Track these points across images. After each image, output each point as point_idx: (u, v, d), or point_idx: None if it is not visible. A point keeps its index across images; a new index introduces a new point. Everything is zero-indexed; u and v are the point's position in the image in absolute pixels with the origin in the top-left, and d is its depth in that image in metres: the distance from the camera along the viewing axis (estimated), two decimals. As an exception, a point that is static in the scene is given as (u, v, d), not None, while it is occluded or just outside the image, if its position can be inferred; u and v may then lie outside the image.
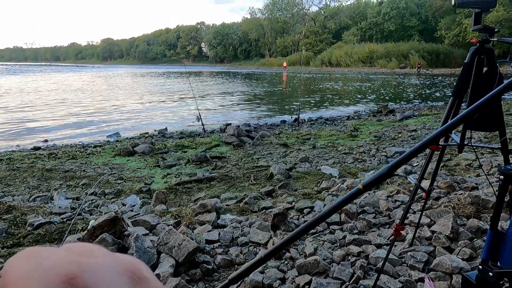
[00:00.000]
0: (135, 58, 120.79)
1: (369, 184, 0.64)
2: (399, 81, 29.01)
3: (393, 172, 0.64)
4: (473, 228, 2.21)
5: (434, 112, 10.82)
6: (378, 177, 0.64)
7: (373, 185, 0.65)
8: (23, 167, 5.03)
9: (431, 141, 0.64)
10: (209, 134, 8.10)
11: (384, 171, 0.64)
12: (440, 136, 0.67)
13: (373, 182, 0.64)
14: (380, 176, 0.64)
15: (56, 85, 25.63)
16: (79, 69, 71.09)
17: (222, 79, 34.95)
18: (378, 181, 0.64)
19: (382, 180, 0.64)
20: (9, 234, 2.61)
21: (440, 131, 0.67)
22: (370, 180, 0.65)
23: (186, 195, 3.93)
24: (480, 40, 1.48)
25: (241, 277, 0.61)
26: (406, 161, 0.65)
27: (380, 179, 0.64)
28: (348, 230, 2.39)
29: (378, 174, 0.64)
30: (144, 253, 1.95)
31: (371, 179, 0.65)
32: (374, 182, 0.64)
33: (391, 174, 0.64)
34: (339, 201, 0.64)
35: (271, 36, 78.76)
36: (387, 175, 0.64)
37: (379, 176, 0.64)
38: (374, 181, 0.64)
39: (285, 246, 0.66)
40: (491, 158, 4.22)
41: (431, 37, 51.70)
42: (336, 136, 7.41)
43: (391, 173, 0.64)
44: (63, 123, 10.62)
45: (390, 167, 0.64)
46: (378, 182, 0.64)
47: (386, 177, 0.64)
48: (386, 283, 1.73)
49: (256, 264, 0.62)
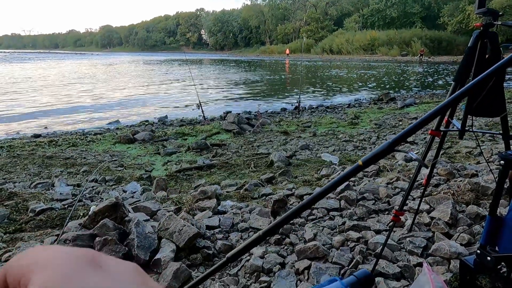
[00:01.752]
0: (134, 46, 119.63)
1: (369, 160, 0.63)
2: (401, 68, 28.79)
3: (393, 147, 0.63)
4: (472, 214, 2.22)
5: (435, 100, 10.77)
6: (378, 152, 0.63)
7: (373, 161, 0.63)
8: (24, 154, 5.04)
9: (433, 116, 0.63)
10: (209, 122, 8.08)
11: (384, 146, 0.63)
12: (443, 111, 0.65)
13: (373, 158, 0.63)
14: (380, 152, 0.62)
15: (55, 73, 25.48)
16: (78, 56, 70.55)
17: (222, 66, 34.69)
18: (378, 157, 0.62)
19: (382, 156, 0.63)
20: (11, 220, 2.63)
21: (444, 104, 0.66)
22: (370, 156, 0.63)
23: (187, 182, 3.95)
24: (484, 24, 1.46)
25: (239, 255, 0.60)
26: (406, 137, 0.63)
27: (380, 155, 0.63)
28: (348, 216, 2.40)
29: (378, 150, 0.63)
30: (145, 238, 1.97)
31: (371, 155, 0.63)
32: (374, 158, 0.63)
33: (392, 150, 0.62)
34: (339, 177, 0.63)
35: (271, 23, 77.76)
36: (387, 151, 0.62)
37: (379, 152, 0.63)
38: (374, 157, 0.63)
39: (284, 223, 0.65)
40: (492, 145, 4.22)
41: (434, 24, 51.00)
42: (337, 123, 7.40)
43: (391, 148, 0.62)
44: (63, 110, 10.60)
45: (390, 143, 0.62)
46: (378, 158, 0.62)
47: (386, 153, 0.62)
48: (385, 267, 1.74)
49: (254, 242, 0.62)
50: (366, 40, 52.26)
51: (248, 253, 2.04)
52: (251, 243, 0.61)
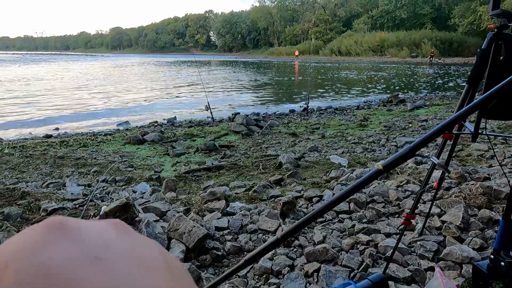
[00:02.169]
0: (144, 47, 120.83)
1: (389, 164, 0.62)
2: (411, 70, 28.51)
3: (415, 152, 0.62)
4: (484, 218, 2.18)
5: (445, 102, 10.63)
6: (399, 157, 0.62)
7: (393, 166, 0.63)
8: (36, 155, 5.13)
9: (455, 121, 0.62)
10: (217, 123, 8.11)
11: (405, 151, 0.62)
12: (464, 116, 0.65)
13: (394, 163, 0.62)
14: (401, 157, 0.62)
15: (66, 74, 25.86)
16: (89, 58, 71.49)
17: (231, 68, 34.80)
18: (398, 161, 0.61)
19: (403, 160, 0.62)
20: (23, 219, 2.67)
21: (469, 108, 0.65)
22: (390, 161, 0.62)
23: (196, 183, 3.97)
24: (498, 25, 1.44)
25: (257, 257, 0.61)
26: (427, 142, 0.62)
27: (401, 159, 0.62)
28: (357, 219, 2.39)
29: (399, 155, 0.62)
30: (155, 238, 1.98)
31: (391, 160, 0.62)
32: (394, 162, 0.62)
33: (413, 155, 0.62)
34: (359, 181, 0.63)
35: (280, 24, 77.80)
36: (408, 156, 0.61)
37: (400, 156, 0.62)
38: (395, 161, 0.62)
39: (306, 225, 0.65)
40: (504, 148, 4.15)
41: (444, 25, 50.44)
42: (346, 125, 7.36)
43: (412, 153, 0.62)
44: (73, 111, 10.74)
45: (411, 148, 0.62)
46: (399, 163, 0.62)
47: (407, 158, 0.61)
48: (395, 271, 1.73)
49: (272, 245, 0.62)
50: (375, 41, 51.95)
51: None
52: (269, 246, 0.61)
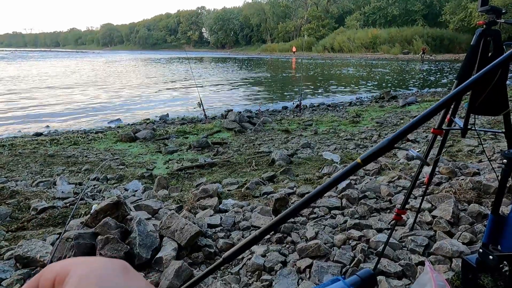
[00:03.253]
0: (135, 44, 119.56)
1: (368, 157, 0.61)
2: (402, 67, 28.71)
3: (394, 144, 0.61)
4: (474, 213, 2.21)
5: (437, 98, 10.74)
6: (377, 150, 0.60)
7: (372, 159, 0.61)
8: (26, 153, 5.05)
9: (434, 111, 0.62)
10: (210, 120, 8.08)
11: (384, 143, 0.60)
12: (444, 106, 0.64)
13: (373, 156, 0.59)
14: (379, 149, 0.60)
15: (56, 71, 25.50)
16: (80, 55, 70.58)
17: (224, 64, 34.66)
18: (377, 154, 0.60)
19: (381, 153, 0.60)
20: (13, 218, 2.64)
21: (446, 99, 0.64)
22: (369, 153, 0.61)
23: (188, 181, 3.95)
24: (487, 21, 1.45)
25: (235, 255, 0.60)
26: (406, 134, 0.62)
27: (380, 152, 0.60)
28: (349, 215, 2.40)
29: (378, 147, 0.60)
30: (146, 236, 1.97)
31: (370, 152, 0.60)
32: (373, 155, 0.59)
33: (392, 147, 0.60)
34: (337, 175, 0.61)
35: (272, 21, 77.59)
36: (387, 148, 0.60)
37: (379, 149, 0.60)
38: (374, 154, 0.60)
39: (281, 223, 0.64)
40: (494, 144, 4.21)
41: (436, 22, 50.80)
42: (338, 122, 7.39)
43: (391, 145, 0.60)
44: (64, 109, 10.61)
45: (390, 140, 0.59)
46: (378, 155, 0.60)
47: (386, 150, 0.60)
48: (387, 266, 1.74)
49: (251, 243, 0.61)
50: (368, 38, 52.12)
51: (249, 251, 2.04)
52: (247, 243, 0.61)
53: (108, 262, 0.26)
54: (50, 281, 0.25)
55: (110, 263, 0.26)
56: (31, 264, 1.90)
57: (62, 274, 0.25)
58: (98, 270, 0.25)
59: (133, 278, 0.26)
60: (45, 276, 0.26)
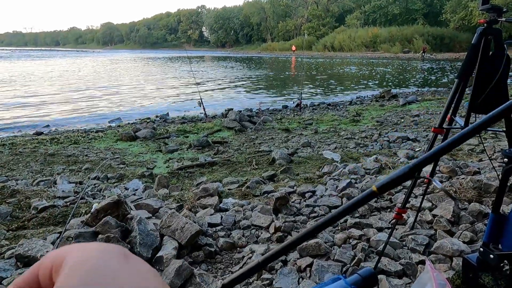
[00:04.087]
0: (135, 43, 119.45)
1: (384, 185, 0.53)
2: (403, 66, 28.67)
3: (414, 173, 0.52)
4: (474, 212, 2.21)
5: (437, 97, 10.73)
6: (395, 178, 0.52)
7: (389, 188, 0.53)
8: (26, 152, 5.05)
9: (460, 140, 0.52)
10: (210, 119, 8.08)
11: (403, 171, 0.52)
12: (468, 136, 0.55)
13: (389, 184, 0.53)
14: (397, 178, 0.52)
15: (57, 70, 25.49)
16: (80, 54, 70.53)
17: (224, 63, 34.63)
18: (395, 183, 0.52)
19: (400, 182, 0.52)
20: (13, 217, 2.64)
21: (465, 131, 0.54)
22: (385, 182, 0.53)
23: (188, 180, 3.95)
24: (488, 20, 1.44)
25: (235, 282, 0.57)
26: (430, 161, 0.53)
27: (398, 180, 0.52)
28: (350, 214, 2.40)
29: (395, 175, 0.52)
30: (147, 235, 1.97)
31: (386, 181, 0.53)
32: (390, 184, 0.53)
33: (412, 176, 0.52)
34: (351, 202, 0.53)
35: (273, 20, 77.49)
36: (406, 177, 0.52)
37: (397, 177, 0.52)
38: (391, 182, 0.53)
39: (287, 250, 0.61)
40: (494, 143, 4.20)
41: (436, 21, 50.71)
42: (338, 121, 7.38)
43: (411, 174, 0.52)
44: (64, 108, 10.61)
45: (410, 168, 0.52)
46: (396, 184, 0.52)
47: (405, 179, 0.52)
48: (387, 265, 1.74)
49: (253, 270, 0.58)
50: (368, 37, 52.06)
51: (249, 250, 2.04)
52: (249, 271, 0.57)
53: (106, 248, 0.25)
54: (48, 270, 0.25)
55: (107, 248, 0.25)
56: (31, 263, 1.90)
57: (58, 262, 0.24)
58: (93, 257, 0.24)
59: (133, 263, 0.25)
60: (44, 265, 0.25)
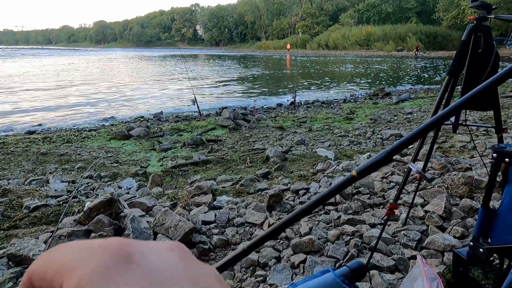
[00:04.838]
0: (129, 41, 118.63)
1: (364, 170, 0.57)
2: (396, 64, 28.84)
3: (392, 157, 0.58)
4: (465, 207, 2.24)
5: (430, 95, 10.81)
6: (374, 162, 0.58)
7: (368, 172, 0.58)
8: (18, 151, 5.00)
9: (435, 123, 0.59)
10: (205, 118, 8.06)
11: (381, 156, 0.57)
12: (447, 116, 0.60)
13: (368, 168, 0.58)
14: (376, 162, 0.57)
15: (49, 69, 25.23)
16: (72, 52, 69.82)
17: (218, 62, 34.54)
18: (374, 167, 0.57)
19: (378, 166, 0.58)
20: (5, 217, 2.62)
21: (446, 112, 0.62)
22: (364, 166, 0.58)
23: (182, 178, 3.94)
24: (478, 17, 1.46)
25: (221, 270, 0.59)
26: (405, 146, 0.58)
27: (377, 164, 0.57)
28: (343, 210, 2.42)
29: (374, 160, 0.58)
30: (140, 233, 1.97)
31: (366, 165, 0.58)
32: (369, 168, 0.58)
33: (390, 160, 0.58)
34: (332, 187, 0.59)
35: (267, 18, 77.46)
36: (384, 161, 0.57)
37: (376, 161, 0.57)
38: (370, 166, 0.58)
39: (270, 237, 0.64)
40: (486, 139, 4.25)
41: (429, 19, 51.05)
42: (332, 119, 7.41)
43: (388, 158, 0.57)
44: (57, 107, 10.51)
45: (388, 151, 0.57)
46: (374, 168, 0.57)
47: (383, 163, 0.57)
48: (380, 260, 1.76)
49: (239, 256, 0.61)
50: (362, 35, 52.25)
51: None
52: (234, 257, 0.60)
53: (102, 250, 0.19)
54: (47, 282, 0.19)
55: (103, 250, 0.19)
56: (23, 263, 1.88)
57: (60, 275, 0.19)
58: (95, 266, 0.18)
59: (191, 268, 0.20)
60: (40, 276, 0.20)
